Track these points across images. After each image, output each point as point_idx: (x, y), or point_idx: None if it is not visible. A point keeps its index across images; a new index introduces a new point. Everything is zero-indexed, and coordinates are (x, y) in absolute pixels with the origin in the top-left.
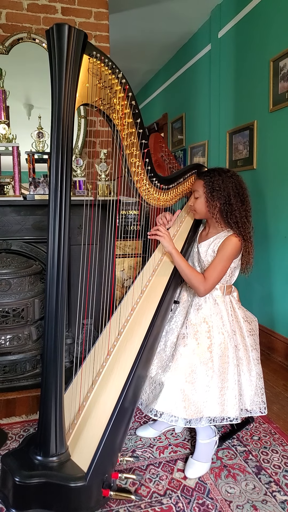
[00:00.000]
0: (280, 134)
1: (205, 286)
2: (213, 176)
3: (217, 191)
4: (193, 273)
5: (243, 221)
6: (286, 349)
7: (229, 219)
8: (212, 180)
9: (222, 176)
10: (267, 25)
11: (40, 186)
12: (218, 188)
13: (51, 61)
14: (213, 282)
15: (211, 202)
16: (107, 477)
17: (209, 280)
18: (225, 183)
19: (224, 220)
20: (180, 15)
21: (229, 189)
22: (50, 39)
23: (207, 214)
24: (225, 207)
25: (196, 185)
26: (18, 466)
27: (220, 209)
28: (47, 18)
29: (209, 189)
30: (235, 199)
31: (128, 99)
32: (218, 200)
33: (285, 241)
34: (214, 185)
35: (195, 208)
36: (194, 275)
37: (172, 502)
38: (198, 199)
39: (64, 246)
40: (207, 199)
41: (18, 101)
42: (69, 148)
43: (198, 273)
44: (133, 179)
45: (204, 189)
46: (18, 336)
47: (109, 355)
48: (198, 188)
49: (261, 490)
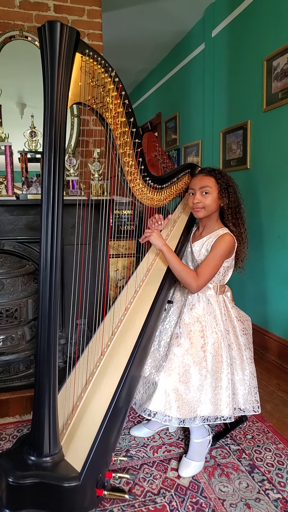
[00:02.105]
0: (273, 134)
1: (197, 282)
2: (219, 172)
3: (230, 186)
4: (185, 269)
5: (241, 217)
6: (279, 348)
7: (230, 216)
8: (222, 177)
9: (223, 174)
10: (261, 24)
11: (33, 186)
12: (231, 184)
13: (43, 59)
14: (206, 278)
15: (224, 199)
16: (101, 477)
17: (201, 277)
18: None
19: (232, 216)
20: (174, 13)
21: (235, 187)
22: (42, 37)
23: (214, 211)
24: (232, 204)
25: (205, 181)
26: (12, 467)
27: (227, 206)
28: (40, 15)
29: (223, 186)
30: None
31: (121, 98)
32: (227, 197)
33: (279, 241)
34: (228, 182)
35: (204, 205)
36: (186, 272)
37: (165, 501)
38: (208, 195)
39: (57, 246)
40: (220, 195)
41: (10, 100)
42: (62, 147)
43: (190, 269)
44: (127, 178)
45: (217, 185)
46: (11, 337)
47: (103, 355)
48: (209, 183)
49: (254, 488)
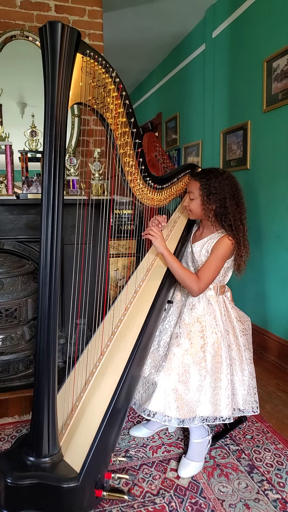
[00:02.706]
0: (273, 134)
1: (199, 286)
2: (210, 178)
3: (213, 194)
4: (186, 273)
5: (237, 224)
6: (279, 348)
7: (224, 222)
8: (208, 182)
9: (218, 178)
10: (261, 26)
11: (33, 185)
12: (214, 191)
13: (44, 59)
14: (207, 281)
15: (207, 205)
16: (100, 478)
17: (202, 280)
18: (221, 186)
19: (219, 223)
20: (175, 14)
21: (225, 193)
22: (43, 37)
23: (202, 216)
24: (220, 210)
25: (192, 186)
26: (10, 467)
27: (215, 212)
28: (40, 15)
29: (205, 192)
30: (230, 202)
31: (122, 98)
32: (213, 203)
33: (278, 241)
34: (210, 188)
35: (190, 209)
36: (188, 275)
37: (165, 501)
38: (193, 200)
39: (57, 245)
40: (202, 201)
41: (11, 99)
42: (62, 147)
43: (191, 273)
44: (127, 178)
45: (200, 191)
46: (11, 336)
47: (103, 355)
48: (194, 189)
49: (253, 488)
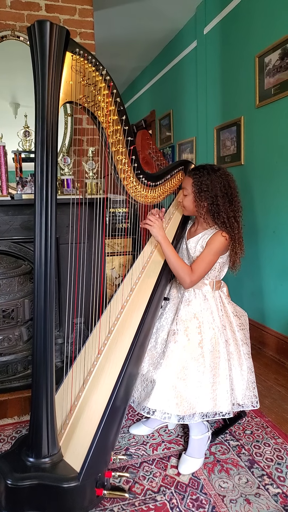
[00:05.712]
0: (266, 129)
1: (191, 278)
2: (202, 175)
3: (204, 191)
4: (180, 263)
5: (230, 222)
6: (277, 343)
7: (216, 219)
8: (200, 180)
9: (211, 175)
10: (252, 21)
11: (27, 186)
12: (206, 188)
13: (34, 58)
14: (200, 274)
15: (199, 202)
16: (101, 476)
17: (195, 272)
18: (213, 183)
19: (212, 219)
20: (166, 11)
21: (217, 190)
22: (32, 36)
23: (195, 212)
24: (212, 207)
25: (185, 183)
26: (10, 469)
27: (208, 209)
28: (31, 15)
29: (197, 189)
30: (223, 199)
31: (113, 96)
32: (205, 200)
33: (274, 236)
34: (202, 186)
35: (184, 205)
36: (181, 266)
37: (166, 498)
38: (187, 196)
39: (52, 245)
40: (195, 198)
41: (4, 100)
42: (54, 146)
43: (185, 264)
44: (120, 176)
45: (192, 188)
46: (8, 337)
47: (100, 353)
48: (187, 186)
49: (254, 483)
